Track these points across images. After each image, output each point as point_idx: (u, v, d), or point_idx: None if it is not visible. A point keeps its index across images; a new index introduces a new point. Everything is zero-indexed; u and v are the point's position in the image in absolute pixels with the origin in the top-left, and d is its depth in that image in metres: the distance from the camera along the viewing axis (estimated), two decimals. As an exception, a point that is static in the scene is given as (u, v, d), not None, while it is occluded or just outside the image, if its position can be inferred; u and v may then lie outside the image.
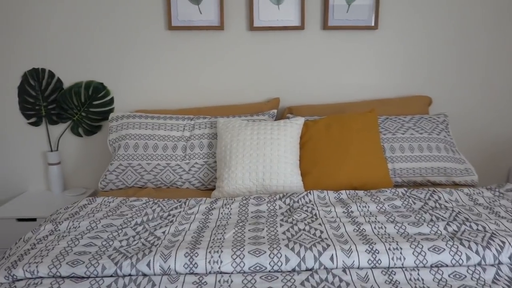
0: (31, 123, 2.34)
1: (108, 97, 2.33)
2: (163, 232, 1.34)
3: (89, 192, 2.36)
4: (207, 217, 1.48)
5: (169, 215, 1.50)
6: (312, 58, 2.33)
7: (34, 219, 2.07)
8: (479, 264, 1.20)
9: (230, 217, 1.48)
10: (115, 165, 1.99)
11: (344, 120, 2.01)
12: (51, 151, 2.34)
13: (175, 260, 1.16)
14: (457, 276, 1.15)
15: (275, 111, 2.22)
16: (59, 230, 1.38)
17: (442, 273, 1.16)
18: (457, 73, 2.37)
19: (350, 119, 2.01)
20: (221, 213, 1.51)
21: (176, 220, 1.44)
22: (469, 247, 1.22)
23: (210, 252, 1.18)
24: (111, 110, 2.34)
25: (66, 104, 2.29)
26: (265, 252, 1.19)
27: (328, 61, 2.33)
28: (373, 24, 2.27)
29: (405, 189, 1.70)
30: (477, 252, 1.21)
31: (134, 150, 2.00)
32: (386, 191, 1.68)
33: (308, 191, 1.68)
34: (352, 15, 2.26)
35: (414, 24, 2.30)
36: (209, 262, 1.16)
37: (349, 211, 1.50)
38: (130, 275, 1.14)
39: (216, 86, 2.34)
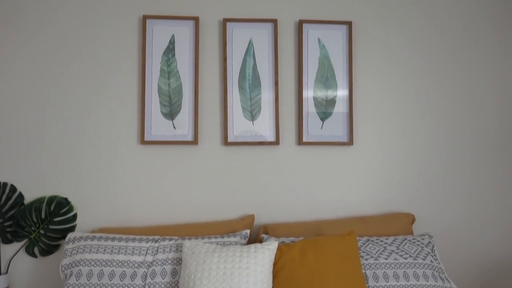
0: (-19, 242, 2.14)
1: (71, 213, 2.17)
2: None
3: (36, 324, 2.07)
4: None
5: None
6: (288, 174, 2.25)
7: None
8: None
9: None
10: (63, 297, 1.76)
11: (320, 244, 1.85)
12: (0, 274, 2.11)
13: None
14: None
15: (248, 231, 2.06)
16: None
17: None
18: (439, 188, 2.29)
19: (327, 243, 1.85)
20: None
21: None
22: None
23: None
24: (72, 228, 2.16)
25: (24, 221, 2.12)
26: None
27: (305, 177, 2.25)
28: (347, 140, 2.24)
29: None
30: None
31: (87, 278, 1.78)
32: (368, 336, 1.45)
33: (278, 337, 1.45)
34: (326, 131, 2.24)
35: (390, 140, 2.28)
36: None
37: None
38: None
39: (189, 202, 2.21)
